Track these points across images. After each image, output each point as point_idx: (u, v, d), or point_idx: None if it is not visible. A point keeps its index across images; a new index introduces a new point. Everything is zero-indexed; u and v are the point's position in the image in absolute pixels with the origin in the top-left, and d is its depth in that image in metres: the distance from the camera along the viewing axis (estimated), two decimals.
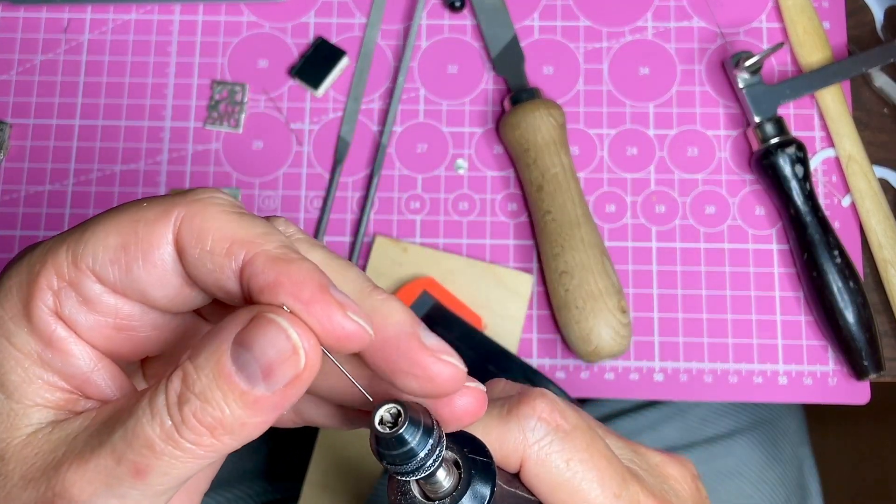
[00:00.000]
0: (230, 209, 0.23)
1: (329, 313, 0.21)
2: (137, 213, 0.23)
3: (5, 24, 0.56)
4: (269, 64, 0.55)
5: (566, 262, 0.49)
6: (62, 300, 0.23)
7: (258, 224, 0.23)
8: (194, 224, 0.22)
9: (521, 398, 0.26)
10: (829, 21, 0.56)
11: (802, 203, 0.51)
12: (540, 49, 0.55)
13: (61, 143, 0.54)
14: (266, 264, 0.21)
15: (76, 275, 0.23)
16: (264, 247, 0.22)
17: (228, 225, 0.22)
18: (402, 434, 0.21)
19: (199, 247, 0.22)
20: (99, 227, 0.23)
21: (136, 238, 0.22)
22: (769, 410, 0.62)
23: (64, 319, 0.23)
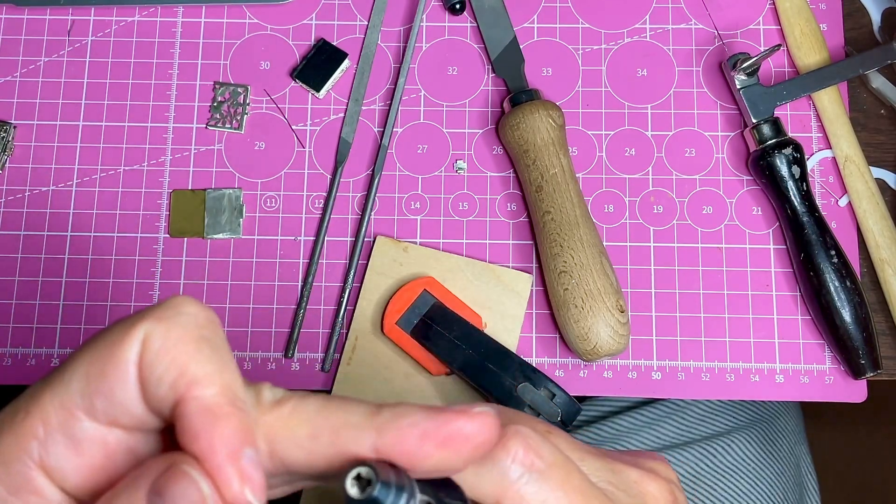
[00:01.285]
0: (193, 332, 0.23)
1: (227, 482, 0.21)
2: (108, 335, 0.23)
3: (9, 25, 0.56)
4: (271, 65, 0.56)
5: (565, 261, 0.50)
6: (48, 449, 0.22)
7: (214, 359, 0.22)
8: (153, 346, 0.22)
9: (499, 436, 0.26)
10: (827, 23, 0.56)
11: (799, 203, 0.51)
12: (539, 51, 0.56)
13: (65, 143, 0.55)
14: (195, 412, 0.22)
15: (65, 419, 0.22)
16: (204, 391, 0.22)
17: (184, 354, 0.22)
18: (375, 496, 0.21)
19: (153, 373, 0.22)
20: (77, 362, 0.23)
21: (112, 361, 0.22)
22: (767, 408, 0.63)
23: (46, 470, 0.23)
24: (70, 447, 0.23)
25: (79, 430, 0.23)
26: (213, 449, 0.21)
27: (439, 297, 0.51)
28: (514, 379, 0.48)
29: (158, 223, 0.54)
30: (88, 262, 0.53)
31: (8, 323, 0.53)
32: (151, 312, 0.23)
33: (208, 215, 0.54)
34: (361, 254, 0.53)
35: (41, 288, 0.53)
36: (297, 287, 0.53)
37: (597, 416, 0.61)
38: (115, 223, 0.54)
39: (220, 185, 0.54)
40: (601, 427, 0.59)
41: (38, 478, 0.22)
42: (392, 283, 0.52)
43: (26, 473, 0.22)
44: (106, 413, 0.23)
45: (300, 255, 0.53)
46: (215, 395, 0.22)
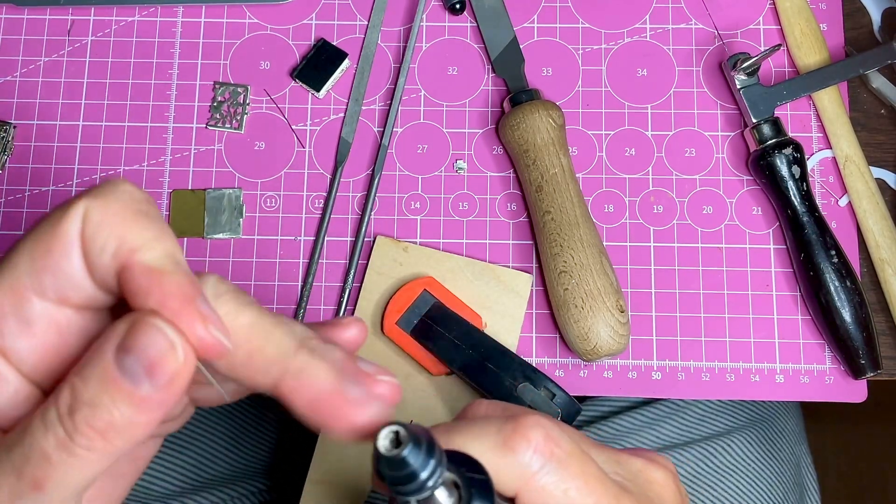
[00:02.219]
0: (131, 206, 0.23)
1: (190, 325, 0.22)
2: (49, 217, 0.23)
3: (9, 25, 0.56)
4: (271, 65, 0.56)
5: (565, 261, 0.50)
6: (1, 331, 0.23)
7: (152, 228, 0.23)
8: (93, 219, 0.23)
9: (515, 428, 0.26)
10: (827, 23, 0.56)
11: (799, 203, 0.51)
12: (539, 51, 0.56)
13: (65, 143, 0.55)
14: (142, 273, 0.22)
15: (16, 300, 0.23)
16: (146, 254, 0.22)
17: (123, 225, 0.23)
18: (404, 456, 0.21)
19: (95, 244, 0.23)
20: (22, 246, 0.23)
21: (55, 237, 0.23)
22: (767, 409, 0.63)
23: (1, 351, 0.23)
24: (23, 328, 0.23)
25: (29, 310, 0.23)
26: (168, 298, 0.22)
27: (439, 297, 0.51)
28: (514, 379, 0.48)
29: None
30: None
31: None
32: (89, 191, 0.23)
33: (208, 215, 0.54)
34: (361, 254, 0.53)
35: None
36: (297, 287, 0.53)
37: (597, 416, 0.61)
38: None
39: (219, 185, 0.54)
40: (601, 427, 0.59)
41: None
42: (392, 283, 0.52)
43: None
44: (55, 289, 0.23)
45: (300, 255, 0.53)
46: (158, 258, 0.23)
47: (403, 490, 0.22)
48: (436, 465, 0.22)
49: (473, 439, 0.26)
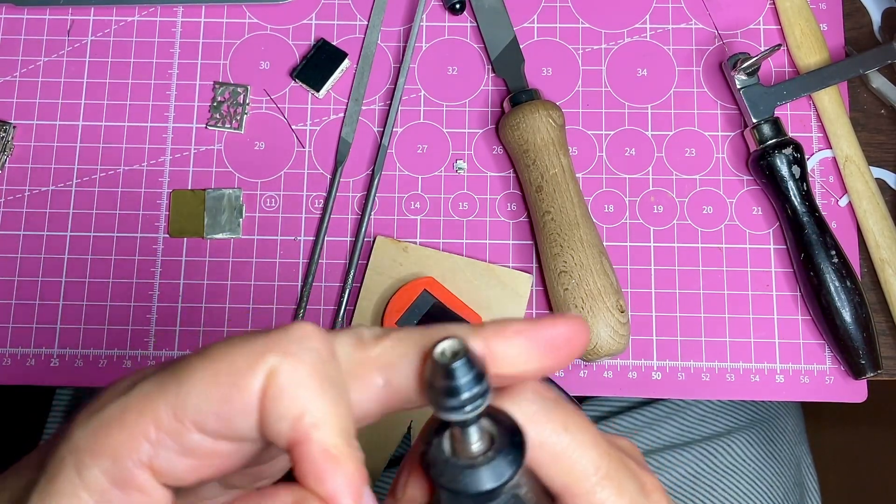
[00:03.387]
0: (318, 370, 0.23)
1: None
2: (234, 359, 0.23)
3: (9, 25, 0.56)
4: (271, 65, 0.56)
5: (565, 261, 0.50)
6: (158, 451, 0.23)
7: (335, 400, 0.23)
8: (279, 382, 0.23)
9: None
10: (827, 23, 0.56)
11: (800, 203, 0.51)
12: (539, 51, 0.56)
13: (65, 143, 0.55)
14: (318, 455, 0.23)
15: (178, 428, 0.23)
16: (325, 433, 0.23)
17: (307, 394, 0.23)
18: (456, 367, 0.22)
19: (275, 408, 0.23)
20: (198, 378, 0.23)
21: (237, 390, 0.23)
22: (767, 409, 0.63)
23: (153, 470, 0.23)
24: (179, 452, 0.23)
25: (188, 441, 0.23)
26: (339, 492, 0.23)
27: (439, 297, 0.51)
28: None
29: (158, 223, 0.54)
30: (88, 262, 0.53)
31: (8, 323, 0.53)
32: (277, 343, 0.23)
33: (208, 215, 0.54)
34: (361, 254, 0.53)
35: (41, 288, 0.53)
36: (296, 287, 0.53)
37: (597, 416, 0.61)
38: (114, 223, 0.54)
39: (219, 185, 0.54)
40: (601, 427, 0.59)
41: (143, 475, 0.23)
42: (392, 283, 0.52)
43: (133, 471, 0.23)
44: (218, 432, 0.23)
45: (300, 255, 0.53)
46: (334, 438, 0.23)
47: (443, 404, 0.22)
48: (481, 392, 0.22)
49: None
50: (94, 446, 0.23)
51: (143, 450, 0.23)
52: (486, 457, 0.24)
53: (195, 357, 0.23)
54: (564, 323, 0.25)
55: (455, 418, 0.23)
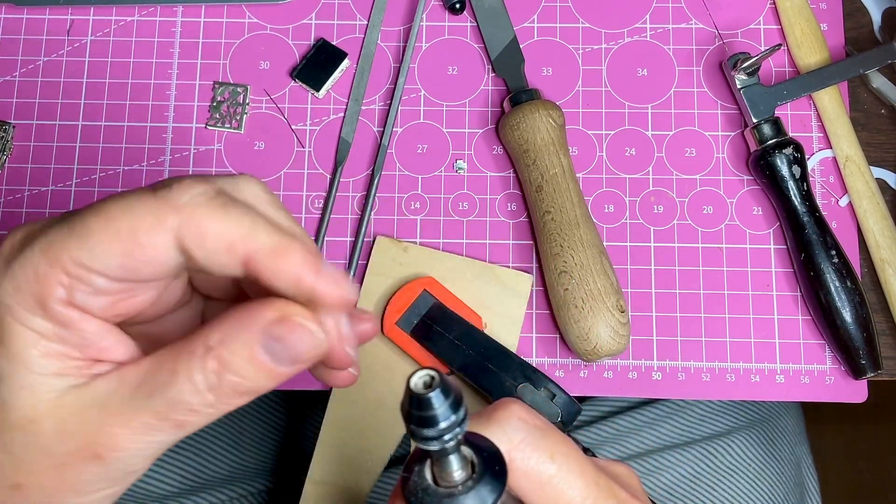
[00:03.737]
0: (216, 205, 0.26)
1: (328, 288, 0.26)
2: (132, 220, 0.25)
3: (9, 25, 0.56)
4: (271, 65, 0.56)
5: (565, 261, 0.50)
6: (72, 291, 0.26)
7: (244, 216, 0.26)
8: (191, 229, 0.25)
9: (496, 405, 0.27)
10: (827, 23, 0.56)
11: (800, 203, 0.51)
12: (539, 50, 0.56)
13: (64, 143, 0.55)
14: (266, 257, 0.26)
15: (84, 273, 0.25)
16: (259, 240, 0.26)
17: (222, 224, 0.26)
18: (431, 397, 0.23)
19: (202, 250, 0.26)
20: (96, 233, 0.25)
21: (139, 246, 0.25)
22: (767, 409, 0.63)
23: (75, 305, 0.26)
24: (92, 293, 0.26)
25: (97, 283, 0.26)
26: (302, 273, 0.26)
27: (439, 297, 0.51)
28: (514, 379, 0.48)
29: None
30: None
31: None
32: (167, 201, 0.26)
33: None
34: (361, 254, 0.53)
35: None
36: None
37: (597, 416, 0.61)
38: None
39: None
40: (601, 427, 0.59)
41: (71, 312, 0.26)
42: (392, 283, 0.52)
43: (60, 311, 0.26)
44: (124, 277, 0.26)
45: None
46: (270, 237, 0.26)
47: (423, 433, 0.23)
48: (458, 421, 0.23)
49: None
50: (21, 302, 0.26)
51: (59, 292, 0.26)
52: (467, 485, 0.24)
53: (91, 215, 0.26)
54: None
55: (433, 448, 0.23)
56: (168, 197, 0.26)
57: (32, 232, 0.27)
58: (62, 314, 0.26)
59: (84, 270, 0.25)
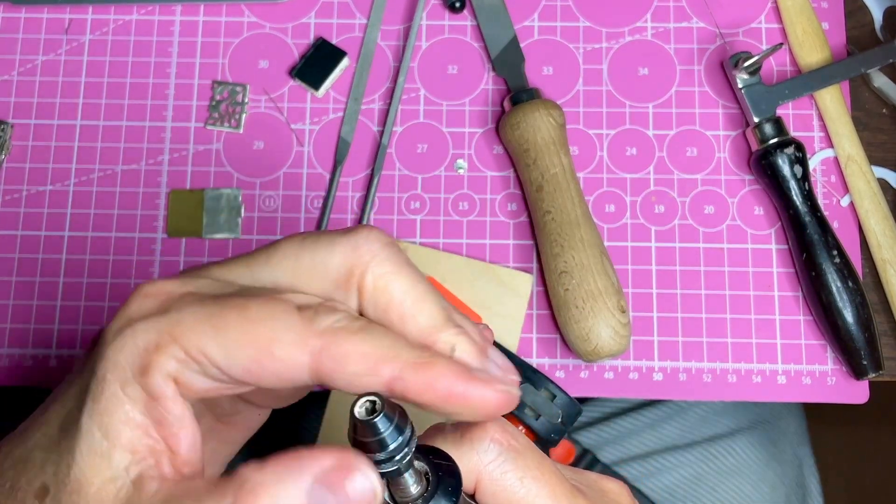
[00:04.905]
0: (357, 327, 0.25)
1: (483, 395, 0.24)
2: (274, 331, 0.24)
3: (7, 24, 0.56)
4: (270, 64, 0.56)
5: (566, 261, 0.49)
6: (183, 371, 0.25)
7: (387, 336, 0.25)
8: (332, 354, 0.24)
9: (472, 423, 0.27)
10: (828, 22, 0.56)
11: (801, 203, 0.51)
12: (540, 49, 0.56)
13: (62, 143, 0.54)
14: (412, 376, 0.24)
15: (204, 362, 0.24)
16: (401, 359, 0.24)
17: (364, 348, 0.24)
18: (376, 422, 0.23)
19: (343, 371, 0.24)
20: (233, 331, 0.24)
21: (271, 357, 0.24)
22: (769, 410, 0.63)
23: (180, 384, 0.25)
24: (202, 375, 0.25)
25: (212, 372, 0.25)
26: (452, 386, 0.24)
27: None
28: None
29: (156, 223, 0.54)
30: (86, 262, 0.53)
31: (5, 323, 0.52)
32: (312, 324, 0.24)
33: (206, 215, 0.53)
34: None
35: (38, 288, 0.53)
36: None
37: (598, 417, 0.60)
38: (112, 223, 0.53)
39: (218, 185, 0.54)
40: (602, 428, 0.59)
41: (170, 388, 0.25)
42: None
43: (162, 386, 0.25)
44: (242, 379, 0.25)
45: None
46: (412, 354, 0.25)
47: (372, 458, 0.23)
48: (405, 441, 0.23)
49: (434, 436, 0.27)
50: (130, 365, 0.25)
51: (170, 365, 0.24)
52: (424, 498, 0.25)
53: (233, 310, 0.24)
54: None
55: (386, 470, 0.24)
56: (313, 318, 0.25)
57: (167, 298, 0.26)
58: (160, 388, 0.25)
59: (204, 358, 0.24)
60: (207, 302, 0.25)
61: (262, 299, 0.25)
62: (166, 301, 0.25)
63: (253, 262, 0.27)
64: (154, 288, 0.26)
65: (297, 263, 0.26)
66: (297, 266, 0.26)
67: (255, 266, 0.27)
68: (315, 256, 0.26)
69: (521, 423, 0.47)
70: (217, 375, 0.25)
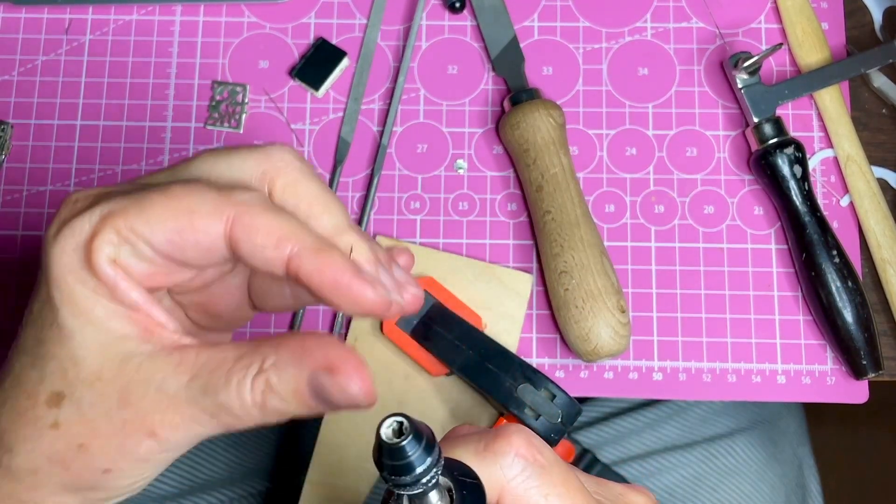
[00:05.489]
0: (268, 205, 0.28)
1: (363, 292, 0.27)
2: (192, 203, 0.27)
3: (7, 24, 0.56)
4: (270, 64, 0.56)
5: (566, 261, 0.49)
6: (118, 251, 0.27)
7: (292, 219, 0.28)
8: (244, 223, 0.27)
9: (497, 433, 0.27)
10: (828, 22, 0.56)
11: (801, 203, 0.51)
12: (539, 50, 0.56)
13: (63, 143, 0.54)
14: (309, 256, 0.27)
15: (134, 239, 0.27)
16: (303, 241, 0.27)
17: (272, 222, 0.27)
18: (404, 446, 0.22)
19: (251, 241, 0.27)
20: (156, 206, 0.27)
21: (191, 227, 0.27)
22: (769, 410, 0.63)
23: (118, 265, 0.27)
24: (136, 256, 0.28)
25: (143, 250, 0.28)
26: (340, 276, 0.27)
27: (439, 297, 0.50)
28: (514, 380, 0.47)
29: None
30: None
31: (7, 324, 0.52)
32: (229, 198, 0.28)
33: None
34: None
35: None
36: None
37: (598, 417, 0.60)
38: None
39: None
40: (602, 428, 0.59)
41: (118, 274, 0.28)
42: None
43: (108, 269, 0.27)
44: (169, 253, 0.28)
45: None
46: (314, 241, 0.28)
47: (399, 481, 0.23)
48: (433, 463, 0.23)
49: (456, 447, 0.27)
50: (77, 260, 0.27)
51: (107, 249, 0.27)
52: None
53: (155, 190, 0.28)
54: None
55: (413, 492, 0.23)
56: (229, 193, 0.28)
57: (94, 197, 0.28)
58: (107, 273, 0.27)
59: (134, 235, 0.27)
60: (133, 191, 0.28)
61: (182, 181, 0.28)
62: (94, 200, 0.28)
63: (174, 170, 0.30)
64: (80, 193, 0.29)
65: (213, 167, 0.29)
66: (213, 170, 0.29)
67: (176, 173, 0.30)
68: (231, 163, 0.29)
69: (521, 422, 0.47)
70: (148, 254, 0.27)
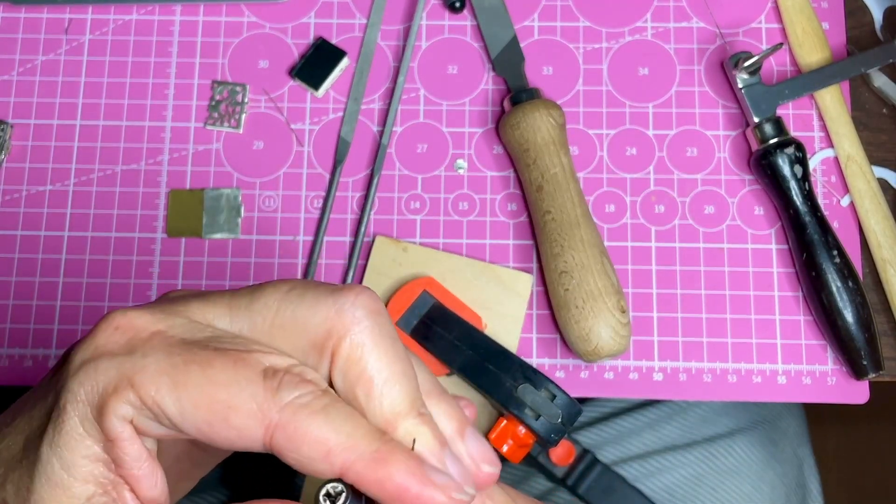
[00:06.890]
0: (319, 406, 0.24)
1: (433, 499, 0.24)
2: (233, 399, 0.24)
3: (6, 24, 0.56)
4: (270, 64, 0.55)
5: (566, 261, 0.49)
6: (138, 415, 0.25)
7: (347, 421, 0.24)
8: (288, 432, 0.24)
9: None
10: (828, 21, 0.56)
11: (801, 203, 0.51)
12: (540, 49, 0.56)
13: (62, 143, 0.54)
14: (365, 469, 0.24)
15: (159, 413, 0.24)
16: (357, 450, 0.24)
17: (321, 432, 0.24)
18: None
19: (296, 452, 0.24)
20: (191, 389, 0.24)
21: (226, 425, 0.24)
22: (769, 410, 0.63)
23: (136, 426, 0.25)
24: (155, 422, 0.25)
25: (165, 422, 0.25)
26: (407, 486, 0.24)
27: (439, 297, 0.50)
28: (514, 380, 0.47)
29: (156, 223, 0.54)
30: (86, 262, 0.53)
31: (5, 323, 0.52)
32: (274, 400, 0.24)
33: (206, 215, 0.53)
34: (361, 254, 0.53)
35: (38, 288, 0.53)
36: None
37: (598, 417, 0.60)
38: (112, 223, 0.53)
39: (218, 185, 0.54)
40: (602, 428, 0.59)
41: (126, 431, 0.25)
42: (392, 283, 0.52)
43: (117, 426, 0.25)
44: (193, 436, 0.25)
45: (299, 255, 0.53)
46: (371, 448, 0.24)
47: None
48: None
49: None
50: (91, 402, 0.25)
51: (126, 409, 0.25)
52: None
53: (197, 365, 0.24)
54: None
55: None
56: (277, 390, 0.24)
57: (133, 338, 0.25)
58: (115, 430, 0.25)
59: (160, 410, 0.24)
60: (174, 350, 0.25)
61: (228, 359, 0.24)
62: (134, 339, 0.25)
63: (234, 303, 0.26)
64: (125, 320, 0.26)
65: (277, 315, 0.26)
66: (277, 318, 0.26)
67: (236, 309, 0.26)
68: (297, 311, 0.25)
69: (522, 422, 0.47)
70: (169, 426, 0.25)
